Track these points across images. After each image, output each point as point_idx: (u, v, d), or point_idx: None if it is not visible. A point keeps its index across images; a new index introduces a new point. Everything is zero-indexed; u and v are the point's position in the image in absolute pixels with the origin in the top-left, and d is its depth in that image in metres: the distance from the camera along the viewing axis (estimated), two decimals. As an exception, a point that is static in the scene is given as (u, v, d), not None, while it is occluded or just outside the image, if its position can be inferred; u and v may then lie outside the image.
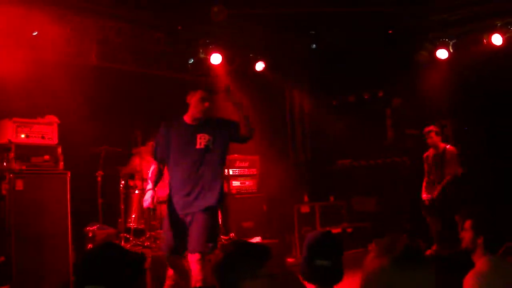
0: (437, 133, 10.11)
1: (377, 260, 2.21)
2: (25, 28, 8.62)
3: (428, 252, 9.49)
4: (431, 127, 10.09)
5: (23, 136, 8.07)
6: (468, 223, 4.43)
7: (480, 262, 4.28)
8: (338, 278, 3.69)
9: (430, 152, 10.13)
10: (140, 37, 9.94)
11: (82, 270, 2.73)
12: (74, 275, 2.47)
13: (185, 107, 6.58)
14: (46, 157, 8.20)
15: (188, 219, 6.30)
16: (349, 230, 10.72)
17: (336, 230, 10.55)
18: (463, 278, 4.19)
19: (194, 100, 6.53)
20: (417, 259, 2.23)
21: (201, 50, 10.84)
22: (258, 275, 3.07)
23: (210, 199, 6.35)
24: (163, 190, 7.52)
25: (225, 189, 10.24)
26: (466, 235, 4.42)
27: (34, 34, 8.80)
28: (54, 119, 8.43)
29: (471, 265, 4.33)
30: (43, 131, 8.29)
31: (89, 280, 2.65)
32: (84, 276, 2.69)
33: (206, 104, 6.49)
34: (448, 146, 10.05)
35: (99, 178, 9.10)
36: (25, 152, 8.01)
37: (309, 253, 3.74)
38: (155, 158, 6.67)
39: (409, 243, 2.27)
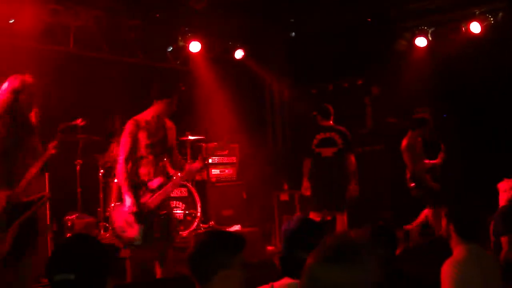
0: None
1: (311, 255, 2.16)
2: (1, 16, 8.51)
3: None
4: None
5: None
6: (443, 211, 4.49)
7: (457, 250, 4.32)
8: None
9: None
10: (118, 25, 9.86)
11: (53, 259, 2.75)
12: (46, 264, 2.50)
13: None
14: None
15: None
16: (329, 218, 10.72)
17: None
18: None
19: None
20: (343, 255, 2.08)
21: (180, 38, 10.78)
22: (232, 264, 3.04)
23: None
24: None
25: (205, 177, 10.30)
26: (443, 223, 4.48)
27: (11, 22, 8.69)
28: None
29: (449, 253, 4.36)
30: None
31: (59, 269, 2.66)
32: (55, 265, 2.71)
33: None
34: None
35: (78, 167, 9.05)
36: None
37: (288, 244, 3.63)
38: None
39: (339, 238, 2.16)
